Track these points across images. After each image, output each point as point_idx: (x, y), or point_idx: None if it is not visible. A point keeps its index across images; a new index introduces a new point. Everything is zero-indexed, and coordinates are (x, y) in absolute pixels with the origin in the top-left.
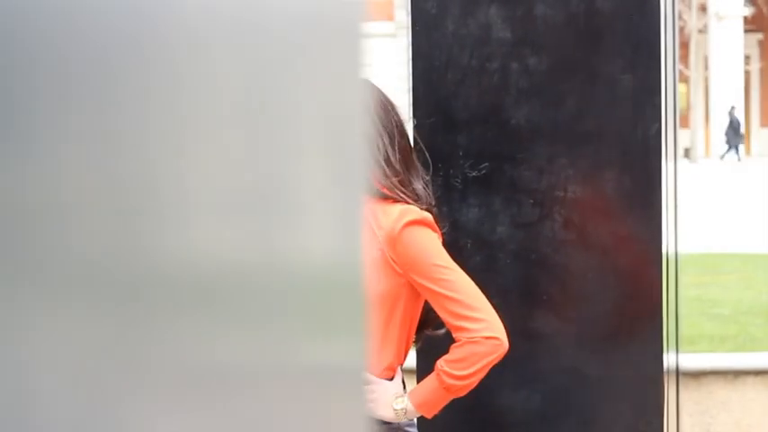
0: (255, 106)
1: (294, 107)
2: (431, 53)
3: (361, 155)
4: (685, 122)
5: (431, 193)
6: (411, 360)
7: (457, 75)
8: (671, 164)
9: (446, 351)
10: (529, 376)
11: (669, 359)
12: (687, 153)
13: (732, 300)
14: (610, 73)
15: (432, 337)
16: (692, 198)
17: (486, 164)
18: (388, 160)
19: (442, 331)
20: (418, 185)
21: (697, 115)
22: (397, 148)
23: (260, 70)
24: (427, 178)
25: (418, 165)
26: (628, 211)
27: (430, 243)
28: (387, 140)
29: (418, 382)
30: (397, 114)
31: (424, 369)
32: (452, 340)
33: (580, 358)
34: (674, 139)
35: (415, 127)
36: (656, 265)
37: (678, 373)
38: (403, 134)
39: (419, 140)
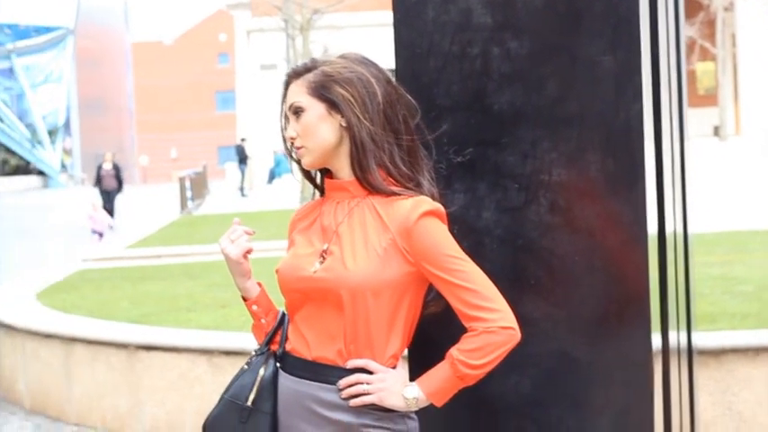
0: None
1: None
2: (412, 41)
3: None
4: (713, 101)
5: (435, 185)
6: None
7: (439, 62)
8: (676, 144)
9: (438, 340)
10: (519, 361)
11: (680, 339)
12: (716, 131)
13: (756, 277)
14: (590, 55)
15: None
16: (721, 176)
17: (471, 149)
18: (393, 161)
19: (427, 312)
20: (424, 181)
21: (725, 93)
22: (404, 145)
23: None
24: (431, 164)
25: (424, 158)
26: (612, 193)
27: (443, 234)
28: (393, 140)
29: (412, 370)
30: (404, 108)
31: (416, 358)
32: (445, 330)
33: (569, 342)
34: (679, 119)
35: None
36: (641, 247)
37: (691, 352)
38: (409, 131)
39: (424, 129)
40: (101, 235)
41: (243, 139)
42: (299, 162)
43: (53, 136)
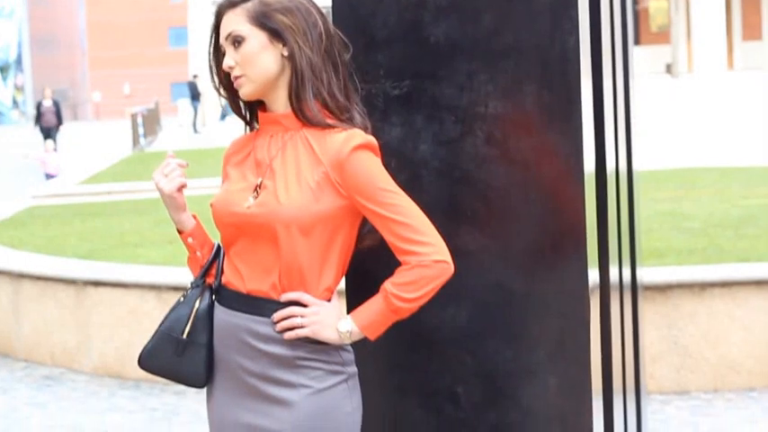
0: None
1: None
2: None
3: None
4: (666, 38)
5: (366, 117)
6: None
7: None
8: (620, 79)
9: (375, 273)
10: (455, 294)
11: (624, 273)
12: (669, 69)
13: (704, 213)
14: None
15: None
16: (673, 113)
17: (408, 82)
18: (331, 92)
19: (362, 245)
20: (356, 113)
21: (678, 31)
22: (341, 77)
23: None
24: (359, 96)
25: (354, 90)
26: (548, 125)
27: (377, 167)
28: (332, 71)
29: (349, 303)
30: (339, 43)
31: (353, 291)
32: (383, 262)
33: (506, 275)
34: (623, 54)
35: None
36: (578, 180)
37: (635, 287)
38: (344, 63)
39: (351, 62)
40: (54, 177)
41: (195, 76)
42: (232, 95)
43: (4, 72)
